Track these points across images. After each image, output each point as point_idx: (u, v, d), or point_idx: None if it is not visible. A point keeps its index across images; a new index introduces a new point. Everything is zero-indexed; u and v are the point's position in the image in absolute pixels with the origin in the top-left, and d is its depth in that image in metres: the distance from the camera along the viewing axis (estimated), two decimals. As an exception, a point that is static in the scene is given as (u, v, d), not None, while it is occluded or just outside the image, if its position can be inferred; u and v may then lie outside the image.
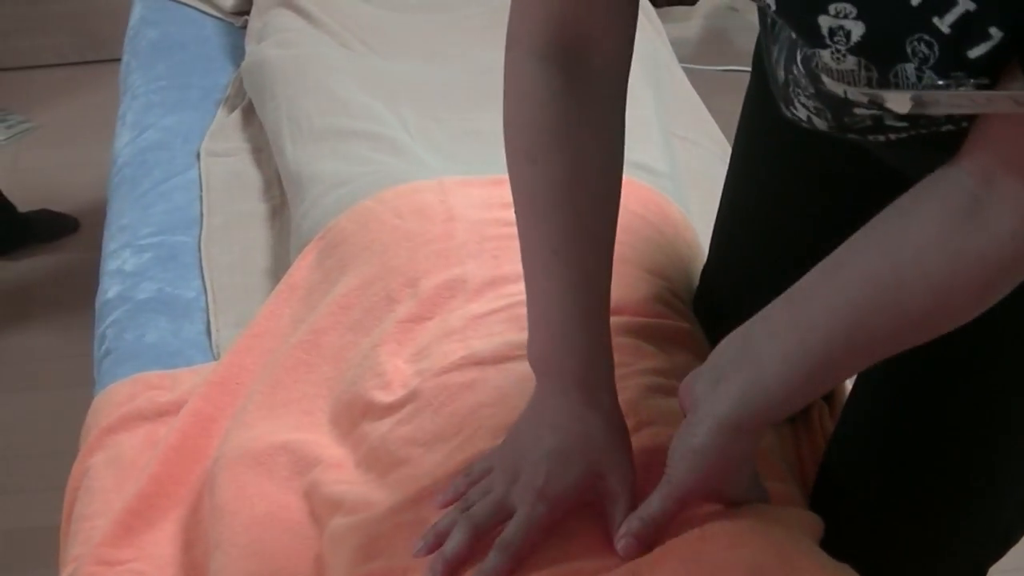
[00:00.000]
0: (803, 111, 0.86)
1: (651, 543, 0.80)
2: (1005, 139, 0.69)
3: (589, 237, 0.87)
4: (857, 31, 0.70)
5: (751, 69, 1.08)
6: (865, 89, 0.73)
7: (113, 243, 1.50)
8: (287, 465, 1.04)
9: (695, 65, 2.74)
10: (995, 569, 1.05)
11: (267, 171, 1.60)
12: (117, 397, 1.22)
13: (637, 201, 1.27)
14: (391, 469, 0.97)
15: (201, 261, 1.44)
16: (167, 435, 1.13)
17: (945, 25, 0.66)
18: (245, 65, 1.74)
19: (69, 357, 2.06)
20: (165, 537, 1.06)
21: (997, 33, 0.64)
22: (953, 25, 0.65)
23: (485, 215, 1.24)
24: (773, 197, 1.10)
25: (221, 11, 2.03)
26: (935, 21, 0.66)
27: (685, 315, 1.16)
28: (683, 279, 1.22)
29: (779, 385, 0.77)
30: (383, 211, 1.26)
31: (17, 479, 1.90)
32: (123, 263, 1.45)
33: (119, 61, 2.03)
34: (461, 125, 1.52)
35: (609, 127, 0.89)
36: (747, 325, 0.80)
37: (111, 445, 1.15)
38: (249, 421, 1.11)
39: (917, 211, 0.73)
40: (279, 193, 1.54)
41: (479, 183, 1.29)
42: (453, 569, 0.81)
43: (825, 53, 0.74)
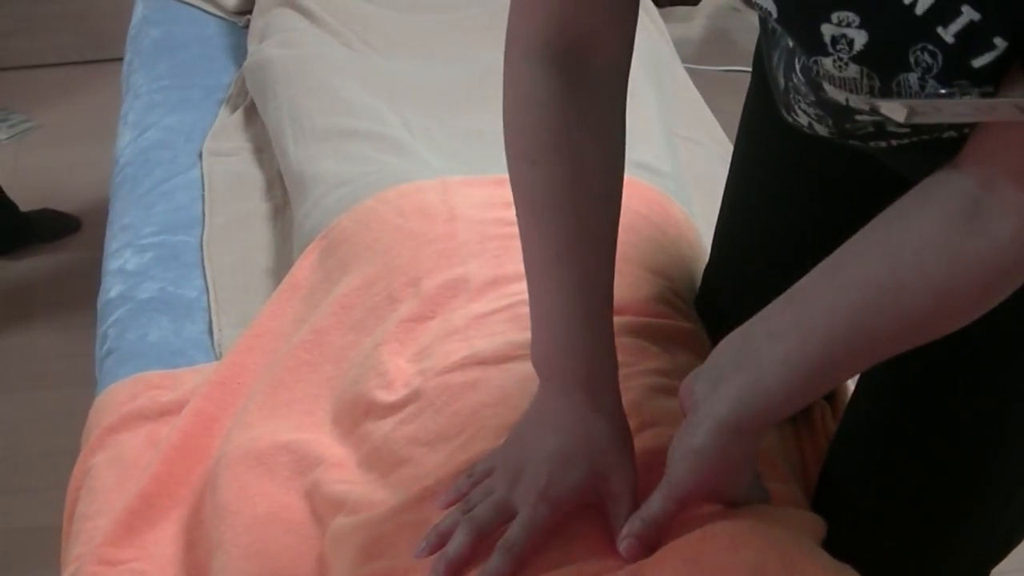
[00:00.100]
0: (804, 117, 0.86)
1: (653, 544, 0.80)
2: (1006, 143, 0.69)
3: (591, 238, 0.87)
4: (860, 40, 0.70)
5: (751, 70, 1.07)
6: (866, 97, 0.73)
7: (115, 243, 1.50)
8: (289, 465, 1.04)
9: (697, 65, 2.74)
10: (996, 570, 1.05)
11: (269, 171, 1.60)
12: (119, 397, 1.22)
13: (640, 201, 1.27)
14: (393, 469, 0.97)
15: (203, 261, 1.44)
16: (169, 435, 1.13)
17: (949, 35, 0.65)
18: (247, 65, 1.74)
19: (70, 357, 2.06)
20: (167, 537, 1.06)
21: (1002, 43, 0.64)
22: (957, 35, 0.65)
23: (487, 215, 1.24)
24: (773, 198, 1.10)
25: (223, 10, 2.03)
26: (939, 31, 0.66)
27: (688, 315, 1.16)
28: (686, 279, 1.22)
29: (779, 386, 0.77)
30: (385, 211, 1.26)
31: (19, 479, 1.90)
32: (125, 263, 1.45)
33: (121, 61, 2.03)
34: (463, 125, 1.52)
35: (610, 128, 0.89)
36: (747, 326, 0.80)
37: (113, 445, 1.15)
38: (251, 421, 1.11)
39: (917, 213, 0.73)
40: (281, 193, 1.54)
41: (481, 183, 1.29)
42: (455, 570, 0.81)
43: (827, 61, 0.73)
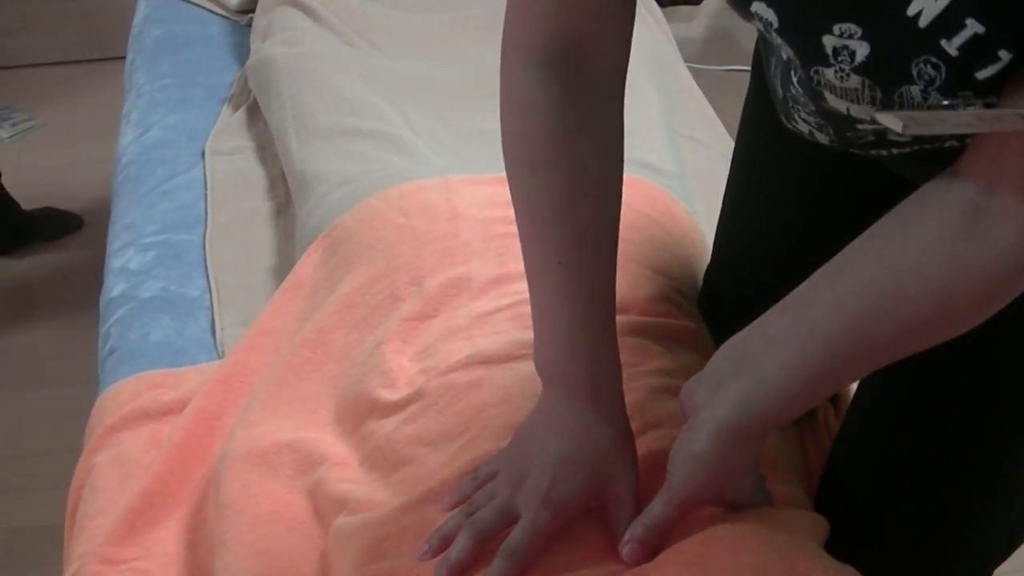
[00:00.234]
0: (804, 126, 0.85)
1: (656, 548, 0.80)
2: (1007, 151, 0.68)
3: (592, 244, 0.86)
4: (862, 51, 0.70)
5: (751, 70, 1.07)
6: (867, 107, 0.73)
7: (117, 241, 1.50)
8: (292, 464, 1.04)
9: (700, 64, 2.75)
10: (999, 571, 1.05)
11: (272, 169, 1.60)
12: (121, 396, 1.22)
13: (643, 200, 1.27)
14: (396, 468, 0.97)
15: (206, 259, 1.44)
16: (171, 434, 1.13)
17: (953, 48, 0.65)
18: (250, 63, 1.74)
19: (73, 355, 2.06)
20: (169, 536, 1.06)
21: (1007, 55, 0.64)
22: (961, 48, 0.64)
23: (490, 213, 1.23)
24: (773, 198, 1.10)
25: (226, 9, 2.03)
26: (943, 44, 0.65)
27: (691, 314, 1.16)
28: (689, 278, 1.22)
29: (779, 391, 0.76)
30: (388, 209, 1.26)
31: (21, 477, 1.90)
32: (127, 261, 1.45)
33: (124, 59, 2.03)
34: (466, 123, 1.52)
35: (609, 132, 0.87)
36: (746, 331, 0.80)
37: (115, 444, 1.15)
38: (254, 420, 1.10)
39: (918, 218, 0.72)
40: (284, 191, 1.53)
41: (484, 181, 1.29)
42: (458, 574, 0.81)
43: (829, 71, 0.73)
